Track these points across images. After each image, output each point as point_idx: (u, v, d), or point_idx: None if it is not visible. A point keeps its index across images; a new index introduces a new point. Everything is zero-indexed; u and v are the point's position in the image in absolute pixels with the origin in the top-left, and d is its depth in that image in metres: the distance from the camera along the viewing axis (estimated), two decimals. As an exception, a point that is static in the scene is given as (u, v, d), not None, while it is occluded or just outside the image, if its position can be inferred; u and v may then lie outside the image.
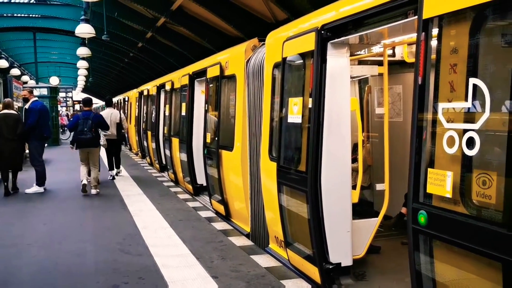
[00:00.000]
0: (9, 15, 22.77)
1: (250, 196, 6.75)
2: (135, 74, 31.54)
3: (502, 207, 2.61)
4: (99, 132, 10.78)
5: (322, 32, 4.55)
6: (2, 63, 24.90)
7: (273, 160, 5.57)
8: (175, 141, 11.27)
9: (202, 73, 9.35)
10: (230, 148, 7.32)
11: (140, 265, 5.54)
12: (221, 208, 8.08)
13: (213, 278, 5.06)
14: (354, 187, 5.02)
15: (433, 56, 3.11)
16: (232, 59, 7.65)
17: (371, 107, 6.82)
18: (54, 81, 31.37)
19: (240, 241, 6.62)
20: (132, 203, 9.09)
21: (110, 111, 12.86)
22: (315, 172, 4.60)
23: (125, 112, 21.62)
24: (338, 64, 4.64)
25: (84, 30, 15.74)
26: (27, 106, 10.50)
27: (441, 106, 3.03)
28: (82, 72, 32.06)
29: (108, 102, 13.61)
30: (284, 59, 5.36)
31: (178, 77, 11.39)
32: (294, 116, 5.06)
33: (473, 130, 2.77)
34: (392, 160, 5.05)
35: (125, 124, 14.23)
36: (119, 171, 12.93)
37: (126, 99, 23.07)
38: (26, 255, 6.05)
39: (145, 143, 16.67)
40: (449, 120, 2.96)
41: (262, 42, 6.70)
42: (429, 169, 3.08)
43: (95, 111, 14.23)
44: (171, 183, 11.95)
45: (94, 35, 16.42)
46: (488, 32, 2.80)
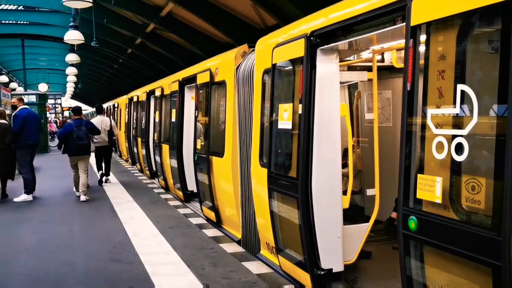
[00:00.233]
0: (-4, 22, 22.66)
1: (241, 203, 6.73)
2: (124, 80, 31.48)
3: (491, 212, 2.63)
4: (91, 137, 11.36)
5: (312, 38, 4.57)
6: (-11, 70, 24.77)
7: (263, 166, 5.56)
8: (165, 148, 11.23)
9: (192, 79, 9.33)
10: (221, 154, 7.30)
11: (131, 273, 5.50)
12: (212, 215, 8.05)
13: (204, 285, 5.04)
14: (344, 193, 5.04)
15: (422, 62, 3.14)
16: (222, 65, 7.65)
17: (361, 112, 6.85)
18: (43, 88, 31.25)
19: (231, 247, 6.60)
20: (123, 210, 9.03)
21: (101, 118, 13.02)
22: (306, 178, 4.61)
23: (115, 118, 21.54)
24: (328, 70, 4.66)
25: (73, 36, 15.73)
26: (14, 113, 10.44)
27: (430, 112, 3.05)
28: (71, 79, 31.95)
29: (99, 110, 13.94)
30: (274, 65, 5.37)
31: (168, 83, 11.37)
32: (284, 122, 5.07)
33: (461, 136, 2.79)
34: (382, 165, 5.07)
35: (116, 131, 14.26)
36: (108, 178, 12.93)
37: (116, 105, 22.96)
38: (16, 264, 5.98)
39: (135, 149, 16.61)
40: (438, 125, 2.98)
41: (252, 48, 6.71)
42: (418, 175, 3.10)
43: (85, 118, 14.42)
44: (162, 190, 11.89)
45: (83, 41, 16.37)
46: (475, 38, 2.83)
